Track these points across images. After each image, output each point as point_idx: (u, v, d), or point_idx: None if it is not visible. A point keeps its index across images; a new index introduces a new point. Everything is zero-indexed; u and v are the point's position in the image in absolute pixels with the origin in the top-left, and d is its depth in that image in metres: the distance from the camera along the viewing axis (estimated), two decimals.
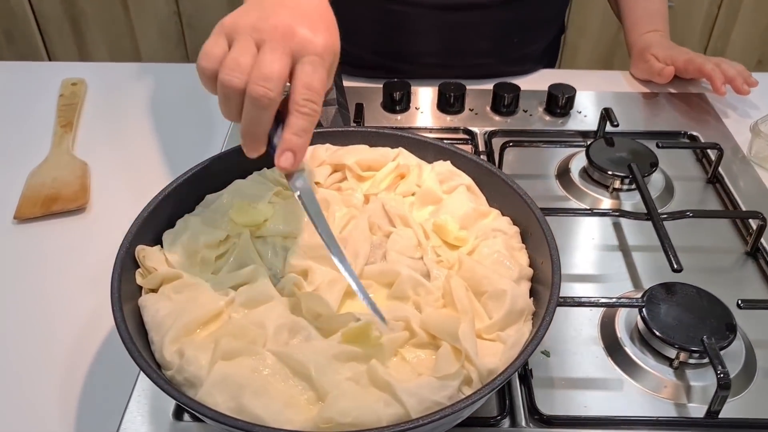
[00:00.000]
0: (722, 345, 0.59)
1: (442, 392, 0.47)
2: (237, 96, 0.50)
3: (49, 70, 1.07)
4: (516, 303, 0.54)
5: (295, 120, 0.50)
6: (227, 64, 0.49)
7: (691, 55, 0.99)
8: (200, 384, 0.48)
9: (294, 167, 0.51)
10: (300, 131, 0.50)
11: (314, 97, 0.50)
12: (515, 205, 0.63)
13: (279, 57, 0.49)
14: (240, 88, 0.49)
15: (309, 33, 0.51)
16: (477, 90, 0.98)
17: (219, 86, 0.50)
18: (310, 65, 0.50)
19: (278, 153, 0.51)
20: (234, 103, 0.50)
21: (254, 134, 0.51)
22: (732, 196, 0.81)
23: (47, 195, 0.80)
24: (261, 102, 0.49)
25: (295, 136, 0.50)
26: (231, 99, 0.50)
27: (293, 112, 0.50)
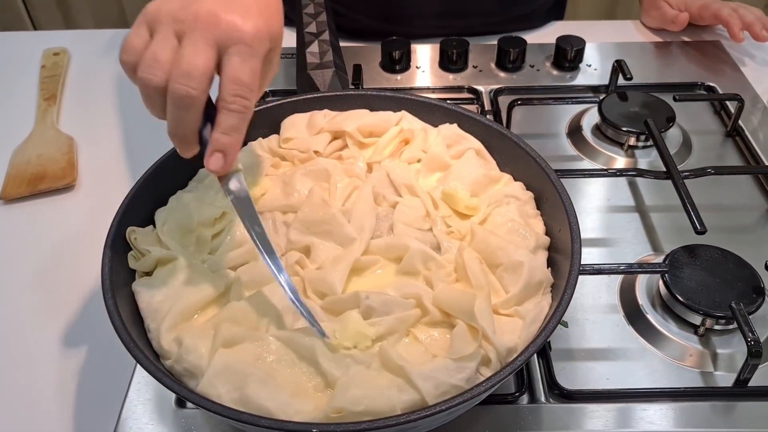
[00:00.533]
0: (751, 309, 0.56)
1: (459, 374, 0.44)
2: (158, 94, 0.45)
3: (29, 40, 1.01)
4: (534, 275, 0.50)
5: (224, 118, 0.46)
6: (145, 59, 0.45)
7: (707, 0, 0.93)
8: (201, 374, 0.45)
9: (225, 169, 0.47)
10: (229, 129, 0.46)
11: (244, 92, 0.46)
12: (528, 168, 0.59)
13: (201, 50, 0.45)
14: (160, 86, 0.45)
15: (236, 19, 0.45)
16: (480, 46, 0.93)
17: (138, 84, 0.46)
18: (237, 56, 0.45)
19: (207, 154, 0.47)
20: (156, 102, 0.46)
21: (181, 135, 0.47)
22: (753, 150, 0.77)
23: (33, 173, 0.76)
24: (183, 102, 0.44)
25: (225, 135, 0.46)
26: (152, 97, 0.46)
27: (221, 109, 0.46)
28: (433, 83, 0.89)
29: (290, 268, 0.52)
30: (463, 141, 0.62)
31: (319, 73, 0.71)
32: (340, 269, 0.50)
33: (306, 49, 0.73)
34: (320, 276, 0.50)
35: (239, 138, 0.47)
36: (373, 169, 0.60)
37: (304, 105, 0.65)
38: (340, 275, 0.50)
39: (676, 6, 0.95)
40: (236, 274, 0.51)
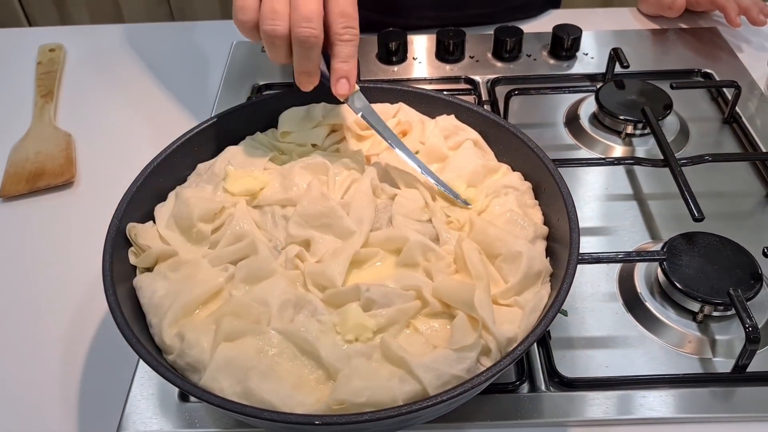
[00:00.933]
0: (749, 296, 0.56)
1: (460, 365, 0.45)
2: (283, 42, 0.52)
3: (24, 37, 1.01)
4: (533, 265, 0.51)
5: (340, 48, 0.54)
6: (266, 14, 0.52)
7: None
8: (203, 368, 0.45)
9: (350, 91, 0.55)
10: (347, 57, 0.54)
11: (351, 23, 0.54)
12: (526, 158, 0.59)
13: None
14: (284, 34, 0.52)
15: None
16: (477, 36, 0.93)
17: (263, 36, 0.53)
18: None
19: (333, 82, 0.55)
20: (281, 49, 0.53)
21: (308, 71, 0.54)
22: (751, 137, 0.77)
23: (32, 170, 0.76)
24: (309, 42, 0.52)
25: (344, 63, 0.54)
26: (277, 45, 0.53)
27: (336, 42, 0.54)
28: (430, 74, 0.89)
29: (290, 262, 0.52)
30: (461, 132, 0.62)
31: None
32: (339, 262, 0.51)
33: None
34: (320, 269, 0.50)
35: (355, 63, 0.55)
36: (372, 161, 0.61)
37: (301, 98, 0.65)
38: (340, 268, 0.50)
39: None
40: (236, 268, 0.51)
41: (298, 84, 0.55)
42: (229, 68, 0.91)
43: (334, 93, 0.55)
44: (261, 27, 0.52)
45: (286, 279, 0.50)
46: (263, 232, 0.55)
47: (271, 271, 0.51)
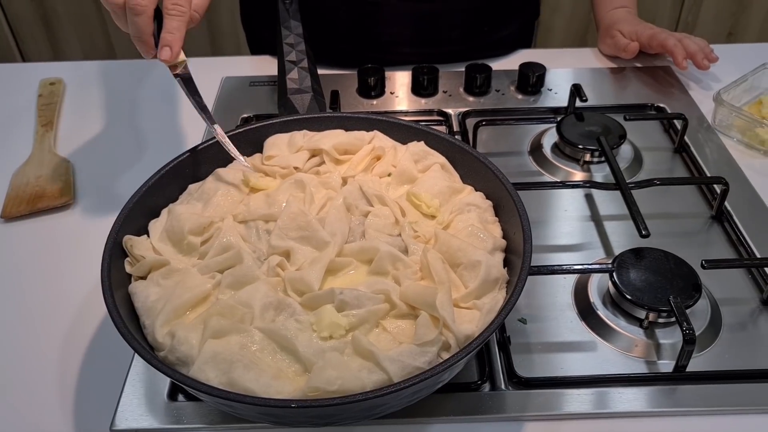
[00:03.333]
0: (688, 304, 0.62)
1: (422, 358, 0.50)
2: (120, 9, 0.62)
3: (26, 71, 1.07)
4: (490, 272, 0.56)
5: (167, 21, 0.63)
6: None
7: (655, 31, 1.01)
8: (192, 362, 0.50)
9: (172, 58, 0.63)
10: (172, 29, 0.63)
11: (178, 0, 0.63)
12: (488, 180, 0.65)
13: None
14: (120, 3, 0.61)
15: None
16: (450, 72, 1.01)
17: (107, 4, 0.62)
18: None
19: (158, 49, 0.63)
20: (120, 16, 0.63)
21: (139, 38, 0.63)
22: (698, 164, 0.85)
23: (32, 193, 0.81)
24: (135, 9, 0.61)
25: (169, 33, 0.63)
26: (117, 14, 0.63)
27: (165, 15, 0.63)
28: (407, 107, 0.96)
29: (272, 270, 0.57)
30: (430, 156, 0.69)
31: (298, 97, 0.78)
32: (316, 269, 0.56)
33: (286, 76, 0.80)
34: (299, 276, 0.56)
35: (180, 36, 0.63)
36: (348, 182, 0.67)
37: (285, 126, 0.72)
38: (316, 274, 0.56)
39: (628, 35, 1.03)
40: (223, 275, 0.57)
41: (139, 51, 0.64)
42: (219, 100, 0.98)
43: (158, 58, 0.63)
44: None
45: (268, 285, 0.55)
46: (248, 244, 0.60)
47: (255, 277, 0.56)
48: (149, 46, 0.63)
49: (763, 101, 0.90)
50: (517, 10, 1.11)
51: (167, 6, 0.63)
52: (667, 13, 2.20)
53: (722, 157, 0.86)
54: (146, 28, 0.62)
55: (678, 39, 0.99)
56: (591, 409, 0.59)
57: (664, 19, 2.20)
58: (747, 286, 0.70)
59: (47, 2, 2.28)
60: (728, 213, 0.77)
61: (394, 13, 1.01)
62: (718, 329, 0.65)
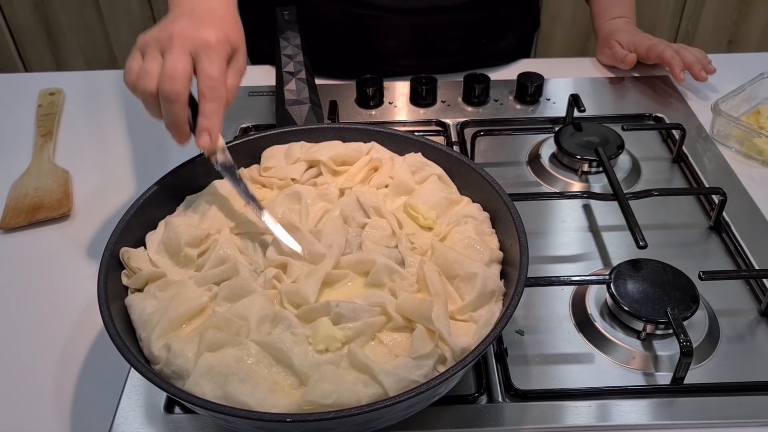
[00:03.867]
0: (685, 315, 0.62)
1: (418, 371, 0.50)
2: (152, 98, 0.59)
3: (26, 81, 1.08)
4: (487, 285, 0.56)
5: (203, 105, 0.60)
6: (140, 75, 0.59)
7: (653, 42, 1.01)
8: (188, 375, 0.50)
9: (212, 145, 0.61)
10: (209, 114, 0.60)
11: (214, 83, 0.60)
12: (485, 191, 0.65)
13: (178, 57, 0.58)
14: (152, 91, 0.58)
15: (202, 32, 0.60)
16: (448, 82, 1.01)
17: (138, 94, 0.60)
18: (206, 58, 0.59)
19: (197, 136, 0.60)
20: (152, 105, 0.60)
21: (174, 125, 0.60)
22: (696, 174, 0.85)
23: (31, 204, 0.82)
24: (170, 97, 0.58)
25: (206, 119, 0.60)
26: (149, 102, 0.60)
27: (200, 99, 0.60)
28: (405, 117, 0.97)
29: (268, 282, 0.57)
30: (427, 168, 0.69)
31: (296, 108, 0.78)
32: (312, 282, 0.56)
33: (284, 87, 0.80)
34: (295, 288, 0.56)
35: (218, 120, 0.60)
36: (345, 194, 0.67)
37: (282, 137, 0.72)
38: (312, 287, 0.56)
39: (626, 46, 1.03)
40: (219, 288, 0.57)
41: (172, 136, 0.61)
42: None
43: (197, 145, 0.61)
44: (136, 85, 0.59)
45: (264, 297, 0.55)
46: (245, 257, 0.60)
47: (251, 290, 0.56)
48: (185, 134, 0.61)
49: (762, 111, 0.90)
50: (516, 22, 1.12)
51: (202, 90, 0.59)
52: (667, 22, 2.21)
53: (720, 167, 0.86)
54: (182, 116, 0.59)
55: (675, 50, 0.99)
56: (589, 421, 0.58)
57: (664, 28, 2.21)
58: (745, 298, 0.69)
59: (50, 12, 2.29)
60: (726, 224, 0.77)
61: (392, 26, 1.01)
62: (716, 341, 0.65)
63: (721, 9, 2.16)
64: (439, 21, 1.01)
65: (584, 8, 1.15)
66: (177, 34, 0.59)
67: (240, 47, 0.64)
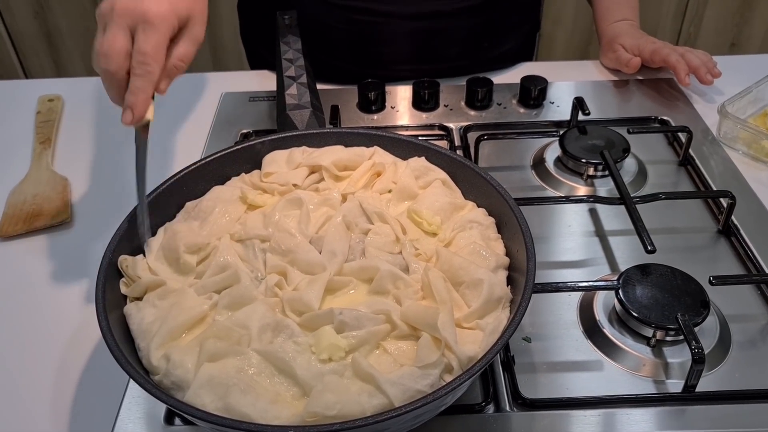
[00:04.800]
0: (696, 321, 0.61)
1: (424, 381, 0.49)
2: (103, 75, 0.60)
3: (24, 88, 1.07)
4: (493, 291, 0.55)
5: (131, 80, 0.59)
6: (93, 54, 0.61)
7: (657, 45, 1.00)
8: (187, 386, 0.49)
9: (134, 122, 0.60)
10: (135, 90, 0.59)
11: (144, 59, 0.58)
12: (490, 196, 0.64)
13: (115, 33, 0.59)
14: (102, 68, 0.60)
15: (142, 4, 0.59)
16: (451, 86, 1.00)
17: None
18: (142, 32, 0.59)
19: (122, 112, 0.60)
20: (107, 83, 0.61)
21: (116, 101, 0.61)
22: (703, 177, 0.83)
23: (29, 212, 0.80)
24: (105, 76, 0.59)
25: (131, 94, 0.59)
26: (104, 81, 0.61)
27: (130, 74, 0.59)
28: (407, 122, 0.96)
29: (270, 290, 0.56)
30: (430, 172, 0.68)
31: (297, 113, 0.77)
32: (315, 289, 0.55)
33: (285, 91, 0.79)
34: (297, 296, 0.55)
35: (144, 97, 0.60)
36: (347, 199, 0.65)
37: (283, 142, 0.71)
38: (315, 294, 0.54)
39: (630, 49, 1.02)
40: (220, 296, 0.56)
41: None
42: (218, 116, 0.97)
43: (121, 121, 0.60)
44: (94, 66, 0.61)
45: (265, 305, 0.54)
46: (246, 264, 0.59)
47: (252, 298, 0.55)
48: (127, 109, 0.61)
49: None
50: (517, 25, 1.11)
51: (132, 65, 0.59)
52: (668, 25, 2.20)
53: (728, 169, 0.84)
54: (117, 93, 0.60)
55: (680, 54, 0.98)
56: (598, 430, 0.57)
57: (666, 31, 2.20)
58: (756, 302, 0.68)
59: (50, 19, 2.28)
60: (735, 227, 0.75)
61: (392, 31, 1.00)
62: (727, 347, 0.64)
63: (723, 11, 2.15)
64: (439, 26, 1.01)
65: (585, 11, 1.14)
66: (117, 8, 0.59)
67: (194, 16, 0.63)
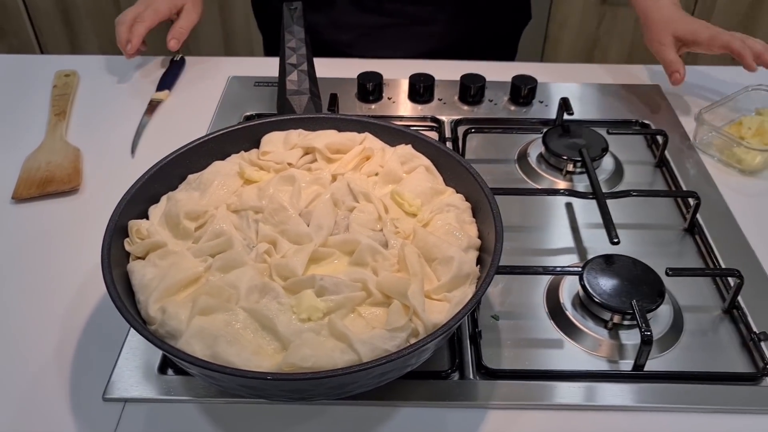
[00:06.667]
0: (649, 308, 0.66)
1: (392, 342, 0.54)
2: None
3: (43, 63, 1.13)
4: (462, 268, 0.60)
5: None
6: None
7: (715, 31, 0.97)
8: (180, 336, 0.54)
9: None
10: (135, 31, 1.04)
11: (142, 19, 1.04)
12: (468, 183, 0.69)
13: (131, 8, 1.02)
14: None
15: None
16: (446, 81, 1.05)
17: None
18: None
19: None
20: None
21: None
22: (676, 179, 0.88)
23: (42, 177, 0.86)
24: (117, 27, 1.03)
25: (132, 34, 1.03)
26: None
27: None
28: (402, 112, 1.01)
29: (260, 257, 0.62)
30: (415, 159, 0.73)
31: (296, 98, 0.82)
32: (300, 257, 0.60)
33: (286, 77, 0.84)
34: (284, 262, 0.60)
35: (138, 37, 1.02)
36: (337, 179, 0.71)
37: (281, 125, 0.76)
38: (300, 261, 0.60)
39: (684, 37, 0.97)
40: (214, 259, 0.61)
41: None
42: (224, 98, 1.02)
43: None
44: None
45: (254, 269, 0.60)
46: (239, 232, 0.65)
47: (243, 262, 0.60)
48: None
49: (744, 122, 0.94)
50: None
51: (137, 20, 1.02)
52: None
53: (700, 173, 0.90)
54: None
55: (741, 39, 0.95)
56: (551, 400, 0.62)
57: None
58: (712, 296, 0.73)
59: None
60: (700, 226, 0.81)
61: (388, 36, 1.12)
62: (679, 334, 0.69)
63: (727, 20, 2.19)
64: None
65: (591, 15, 1.17)
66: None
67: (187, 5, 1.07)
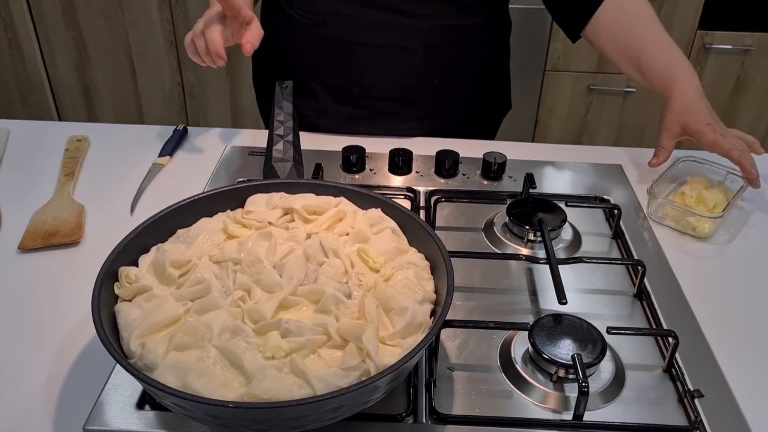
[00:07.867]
0: (589, 362, 0.72)
1: (345, 379, 0.60)
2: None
3: (58, 129, 1.24)
4: (416, 317, 0.67)
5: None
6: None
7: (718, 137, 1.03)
8: (156, 368, 0.61)
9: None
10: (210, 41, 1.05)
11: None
12: (428, 245, 0.77)
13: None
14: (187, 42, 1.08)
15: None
16: (423, 156, 1.14)
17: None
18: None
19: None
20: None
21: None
22: (629, 249, 0.96)
23: (47, 230, 0.95)
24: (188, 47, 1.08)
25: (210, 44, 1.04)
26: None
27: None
28: (382, 183, 1.10)
29: (234, 302, 0.69)
30: (383, 221, 0.81)
31: (281, 165, 0.91)
32: (271, 303, 0.67)
33: (273, 147, 0.94)
34: (255, 307, 0.67)
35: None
36: (311, 237, 0.79)
37: (265, 188, 0.85)
38: (270, 307, 0.67)
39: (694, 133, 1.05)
40: (193, 303, 0.68)
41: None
42: (220, 165, 1.12)
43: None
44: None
45: (228, 312, 0.67)
46: (218, 281, 0.72)
47: (218, 306, 0.67)
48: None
49: (685, 192, 1.02)
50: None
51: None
52: None
53: (650, 242, 0.97)
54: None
55: (740, 150, 1.02)
56: None
57: None
58: (655, 355, 0.79)
59: (90, 72, 2.50)
60: (647, 291, 0.87)
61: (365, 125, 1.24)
62: (620, 388, 0.74)
63: None
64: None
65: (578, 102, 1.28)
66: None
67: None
